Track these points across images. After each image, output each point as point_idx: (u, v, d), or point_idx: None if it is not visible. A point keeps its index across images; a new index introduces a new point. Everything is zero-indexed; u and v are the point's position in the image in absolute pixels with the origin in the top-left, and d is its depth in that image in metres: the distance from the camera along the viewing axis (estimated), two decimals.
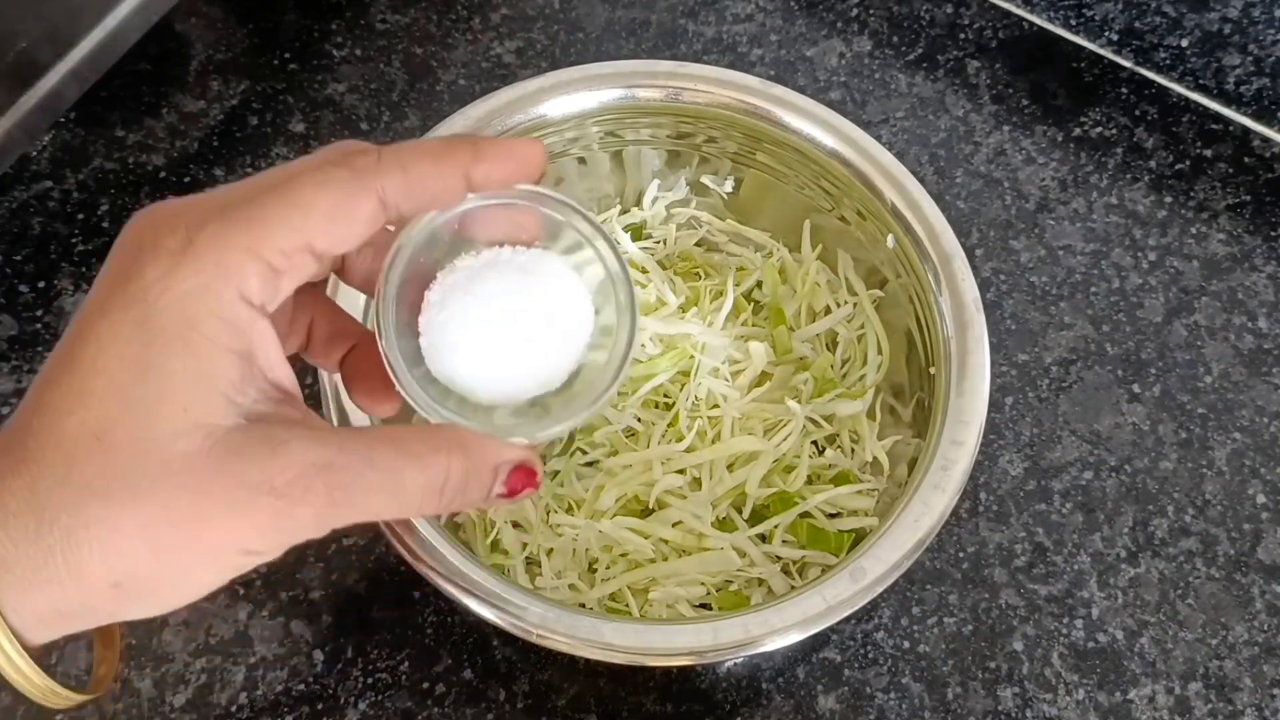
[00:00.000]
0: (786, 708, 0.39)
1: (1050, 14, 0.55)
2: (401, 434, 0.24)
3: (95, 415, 0.21)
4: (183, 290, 0.22)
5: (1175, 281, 0.48)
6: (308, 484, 0.22)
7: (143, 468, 0.21)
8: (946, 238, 0.38)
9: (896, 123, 0.53)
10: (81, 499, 0.21)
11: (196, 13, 0.56)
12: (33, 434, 0.22)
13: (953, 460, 0.34)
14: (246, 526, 0.22)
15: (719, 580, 0.38)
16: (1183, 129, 0.53)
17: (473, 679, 0.39)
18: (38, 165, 0.51)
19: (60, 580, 0.21)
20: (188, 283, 0.22)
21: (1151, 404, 0.45)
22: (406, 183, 0.24)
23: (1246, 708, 0.39)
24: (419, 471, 0.24)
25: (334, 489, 0.23)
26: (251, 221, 0.22)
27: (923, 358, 0.39)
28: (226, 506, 0.22)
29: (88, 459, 0.21)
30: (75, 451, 0.21)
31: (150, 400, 0.22)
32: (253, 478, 0.22)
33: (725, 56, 0.55)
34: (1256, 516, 0.43)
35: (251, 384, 0.23)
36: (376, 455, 0.23)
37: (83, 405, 0.22)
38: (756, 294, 0.45)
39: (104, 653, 0.27)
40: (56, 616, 0.22)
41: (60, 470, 0.21)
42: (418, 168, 0.24)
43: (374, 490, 0.23)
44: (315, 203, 0.23)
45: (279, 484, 0.22)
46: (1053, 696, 0.39)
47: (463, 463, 0.25)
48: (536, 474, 0.26)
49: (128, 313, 0.22)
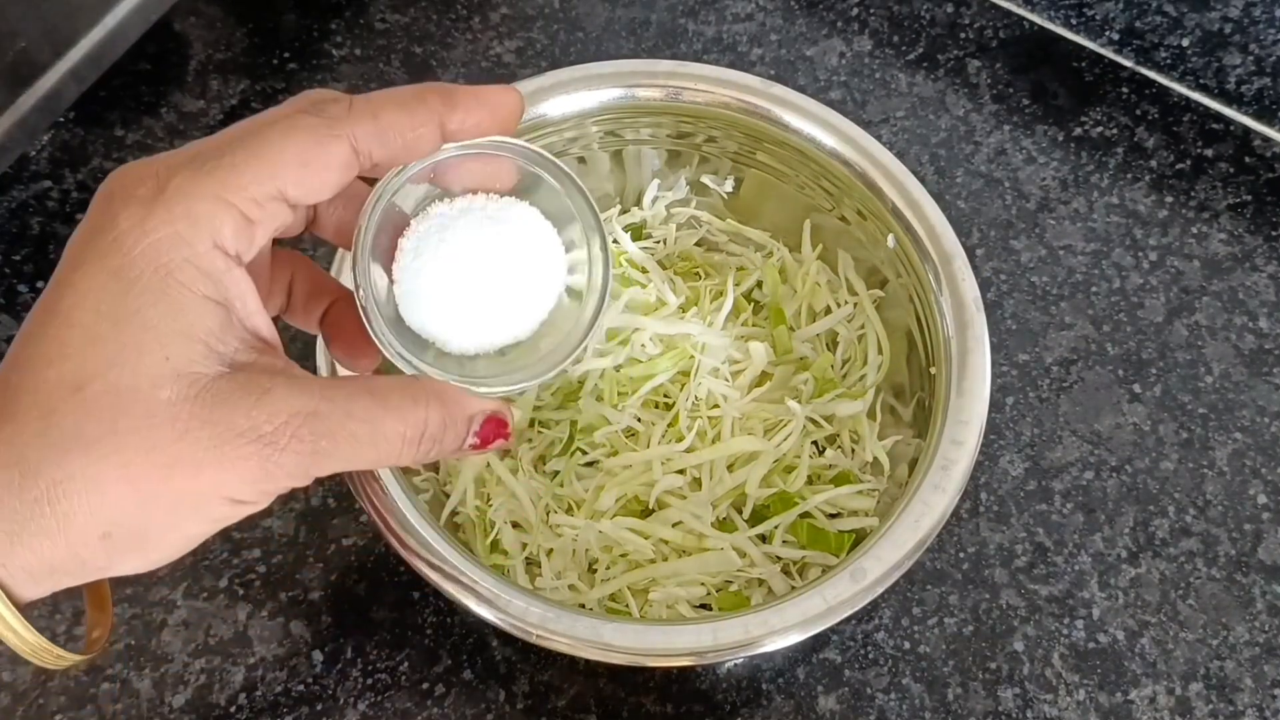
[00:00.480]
0: (787, 708, 0.39)
1: (1051, 13, 0.55)
2: (380, 385, 0.25)
3: (73, 366, 0.21)
4: (156, 238, 0.22)
5: (1176, 281, 0.48)
6: (293, 431, 0.22)
7: (125, 417, 0.21)
8: (947, 237, 0.38)
9: (897, 122, 0.53)
10: (63, 451, 0.21)
11: (196, 12, 0.56)
12: (11, 389, 0.22)
13: (953, 460, 0.34)
14: (233, 475, 0.22)
15: (719, 581, 0.38)
16: (1183, 129, 0.52)
17: (472, 679, 0.39)
18: (37, 165, 0.51)
19: (49, 533, 0.21)
20: (161, 230, 0.22)
21: (1152, 404, 0.45)
22: (378, 130, 0.24)
23: (1247, 708, 0.39)
24: (398, 422, 0.24)
25: (319, 437, 0.23)
26: (221, 169, 0.22)
27: (923, 358, 0.39)
28: (212, 454, 0.22)
29: (67, 410, 0.21)
30: (54, 403, 0.21)
31: (129, 349, 0.21)
32: (238, 424, 0.22)
33: (725, 56, 0.55)
34: (1257, 517, 0.43)
35: (231, 333, 0.23)
36: (357, 405, 0.23)
37: (61, 357, 0.21)
38: (756, 294, 0.45)
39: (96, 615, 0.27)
40: (47, 572, 0.22)
41: (40, 423, 0.21)
42: (389, 115, 0.24)
43: (356, 439, 0.23)
44: (285, 149, 0.23)
45: (265, 431, 0.22)
46: (1053, 697, 0.39)
47: (439, 414, 0.25)
48: (507, 425, 0.27)
49: (103, 262, 0.22)
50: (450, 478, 0.40)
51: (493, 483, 0.40)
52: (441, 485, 0.40)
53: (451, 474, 0.40)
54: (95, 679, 0.39)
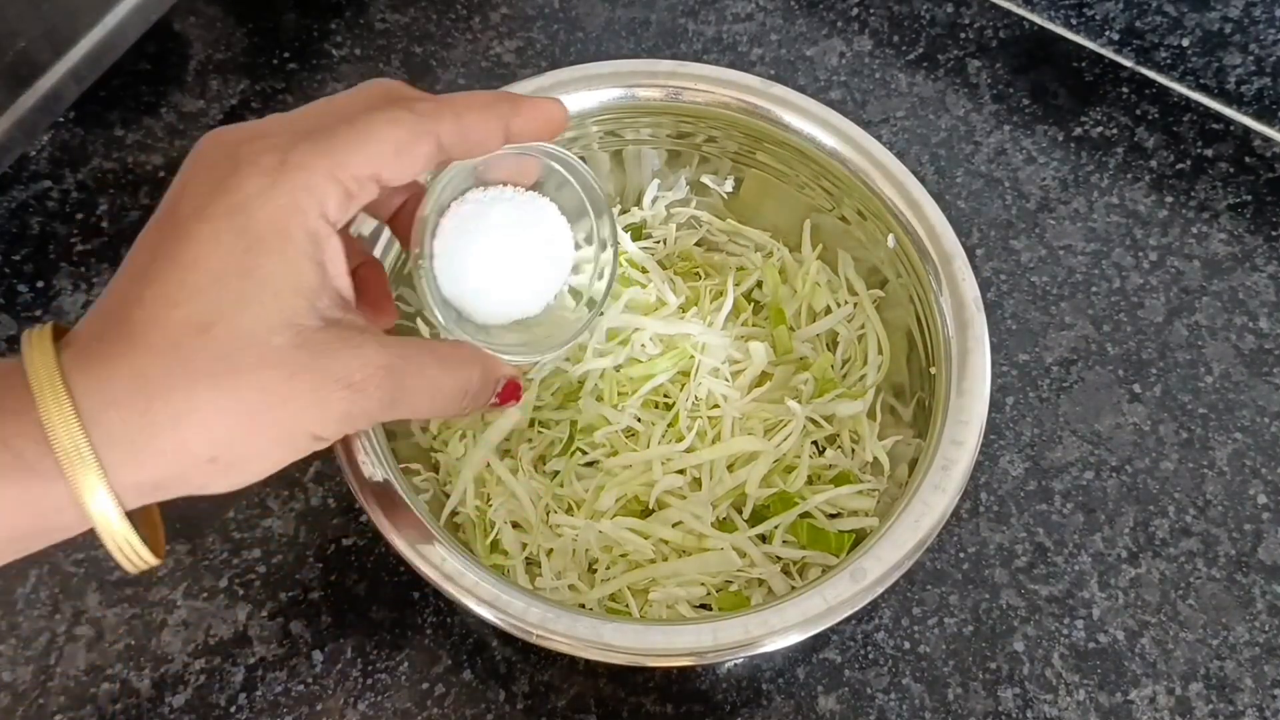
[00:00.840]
0: (787, 708, 0.39)
1: (1051, 13, 0.55)
2: (440, 348, 0.29)
3: (200, 308, 0.24)
4: (279, 205, 0.25)
5: (1176, 281, 0.48)
6: (378, 382, 0.26)
7: (244, 356, 0.24)
8: (947, 237, 0.38)
9: (897, 122, 0.53)
10: (191, 383, 0.24)
11: (195, 12, 0.56)
12: (136, 324, 0.24)
13: (953, 460, 0.34)
14: (322, 414, 0.25)
15: (719, 581, 0.38)
16: (1183, 129, 0.52)
17: (472, 680, 0.39)
18: (37, 165, 0.51)
19: (165, 453, 0.24)
20: (283, 199, 0.25)
21: (1152, 404, 0.45)
22: (459, 129, 0.28)
23: (1247, 708, 0.39)
24: (453, 380, 0.29)
25: (395, 389, 0.26)
26: (334, 149, 0.26)
27: (923, 358, 0.39)
28: (311, 396, 0.25)
29: (194, 347, 0.24)
30: (181, 340, 0.24)
31: (250, 299, 0.24)
32: (335, 372, 0.25)
33: (725, 56, 0.55)
34: (1257, 517, 0.43)
35: (325, 292, 0.26)
36: (426, 364, 0.28)
37: (187, 299, 0.24)
38: (756, 294, 0.45)
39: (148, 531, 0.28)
40: (151, 486, 0.25)
41: (168, 356, 0.24)
42: (470, 116, 0.28)
43: (420, 392, 0.28)
44: (386, 139, 0.26)
45: (355, 379, 0.26)
46: (1053, 697, 0.39)
47: (480, 375, 0.30)
48: (520, 388, 0.32)
49: (229, 220, 0.25)
50: (450, 478, 0.40)
51: (493, 483, 0.40)
52: (441, 485, 0.40)
53: (451, 474, 0.40)
54: (95, 679, 0.39)
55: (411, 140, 0.27)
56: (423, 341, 0.29)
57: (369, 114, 0.26)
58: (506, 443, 0.41)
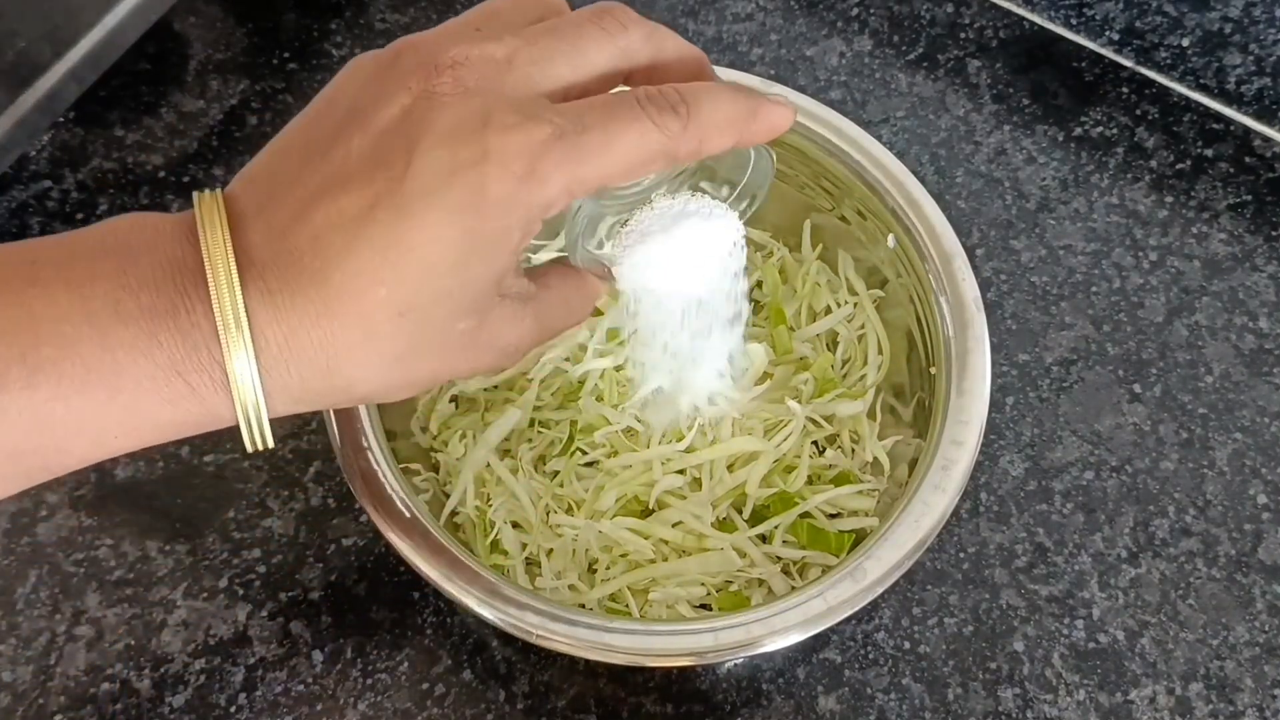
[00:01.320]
0: (787, 708, 0.39)
1: (1051, 13, 0.55)
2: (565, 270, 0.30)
3: (403, 295, 0.24)
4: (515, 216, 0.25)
5: (1176, 281, 0.48)
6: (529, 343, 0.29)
7: (432, 343, 0.26)
8: (947, 237, 0.38)
9: (897, 122, 0.53)
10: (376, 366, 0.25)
11: (195, 12, 0.56)
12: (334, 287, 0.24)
13: (953, 460, 0.34)
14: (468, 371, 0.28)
15: (719, 581, 0.38)
16: (1183, 129, 0.52)
17: (472, 679, 0.39)
18: (37, 165, 0.51)
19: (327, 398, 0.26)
20: (520, 211, 0.25)
21: (1152, 404, 0.45)
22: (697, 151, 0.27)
23: (1247, 708, 0.39)
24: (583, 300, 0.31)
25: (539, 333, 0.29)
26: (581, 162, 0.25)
27: (923, 358, 0.39)
28: (470, 363, 0.27)
29: (388, 331, 0.25)
30: (377, 321, 0.25)
31: (455, 294, 0.25)
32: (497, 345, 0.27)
33: (725, 56, 0.55)
34: (1257, 517, 0.43)
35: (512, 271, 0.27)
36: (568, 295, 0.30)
37: (394, 281, 0.24)
38: (756, 294, 0.45)
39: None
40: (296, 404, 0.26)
41: (359, 333, 0.25)
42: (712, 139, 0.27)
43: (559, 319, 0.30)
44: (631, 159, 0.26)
45: (508, 347, 0.28)
46: (1053, 697, 0.39)
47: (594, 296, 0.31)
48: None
49: (460, 216, 0.24)
50: (450, 478, 0.40)
51: (493, 483, 0.40)
52: (441, 485, 0.40)
53: (451, 474, 0.40)
54: (95, 679, 0.39)
55: (648, 162, 0.26)
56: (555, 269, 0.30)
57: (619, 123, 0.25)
58: (506, 443, 0.41)
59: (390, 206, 0.24)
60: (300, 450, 0.43)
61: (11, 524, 0.42)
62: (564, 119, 0.25)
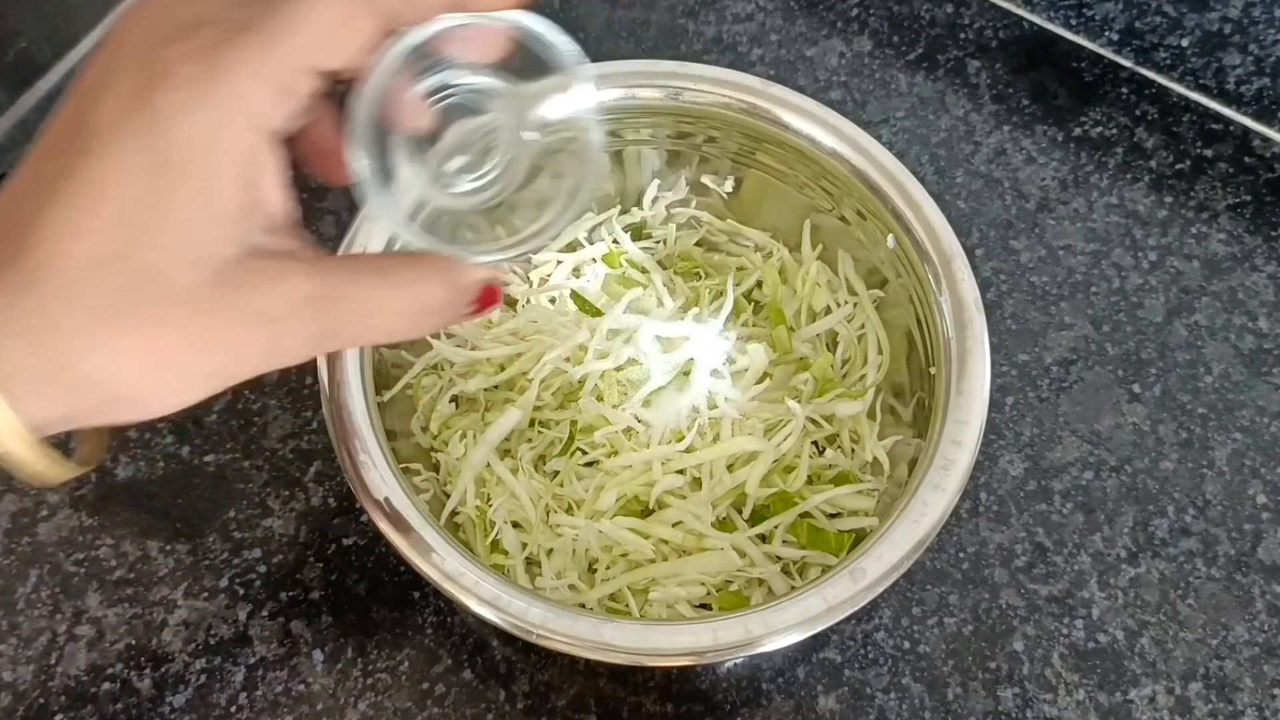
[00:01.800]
0: (786, 708, 0.39)
1: (1050, 14, 0.55)
2: (388, 263, 0.26)
3: (103, 241, 0.22)
4: (200, 122, 0.22)
5: (1176, 281, 0.48)
6: (303, 316, 0.24)
7: (148, 295, 0.22)
8: (947, 238, 0.38)
9: (896, 122, 0.53)
10: (90, 323, 0.22)
11: None
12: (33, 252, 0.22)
13: (953, 460, 0.34)
14: (236, 355, 0.23)
15: (719, 580, 0.38)
16: (1183, 129, 0.52)
17: (472, 679, 0.39)
18: None
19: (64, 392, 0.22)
20: (206, 114, 0.22)
21: (1152, 404, 0.45)
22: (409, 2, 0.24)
23: (1247, 708, 0.39)
24: (406, 300, 0.25)
25: (328, 319, 0.24)
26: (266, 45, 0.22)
27: (923, 358, 0.39)
28: (222, 337, 0.23)
29: (95, 284, 0.22)
30: (83, 276, 0.22)
31: (158, 229, 0.22)
32: (250, 309, 0.23)
33: (725, 56, 0.55)
34: (1257, 517, 0.43)
35: (253, 214, 0.23)
36: (367, 285, 0.25)
37: (90, 230, 0.22)
38: (756, 294, 0.45)
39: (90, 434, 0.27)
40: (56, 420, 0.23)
41: (67, 292, 0.22)
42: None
43: (365, 318, 0.25)
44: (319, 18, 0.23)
45: (274, 315, 0.23)
46: (1053, 697, 0.39)
47: (443, 289, 0.26)
48: (499, 291, 0.28)
49: (140, 140, 0.22)
50: (450, 478, 0.40)
51: (493, 483, 0.40)
52: (441, 485, 0.40)
53: (451, 474, 0.40)
54: (96, 679, 0.39)
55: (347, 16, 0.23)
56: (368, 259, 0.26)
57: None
58: (506, 443, 0.41)
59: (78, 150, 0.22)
60: (300, 450, 0.44)
61: (12, 524, 0.42)
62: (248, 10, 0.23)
